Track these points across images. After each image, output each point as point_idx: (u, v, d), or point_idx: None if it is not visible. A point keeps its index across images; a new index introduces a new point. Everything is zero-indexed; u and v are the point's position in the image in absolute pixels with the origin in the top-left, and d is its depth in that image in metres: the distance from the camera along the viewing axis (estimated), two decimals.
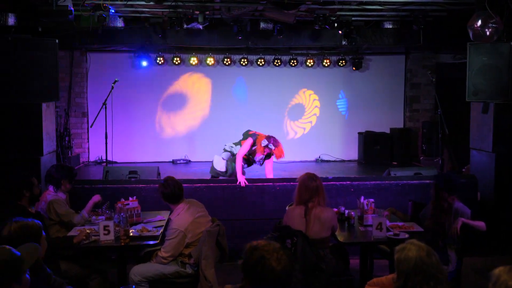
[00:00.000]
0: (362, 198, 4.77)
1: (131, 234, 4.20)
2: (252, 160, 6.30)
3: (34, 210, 4.35)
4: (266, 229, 5.37)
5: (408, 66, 9.89)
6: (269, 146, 6.14)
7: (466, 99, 6.14)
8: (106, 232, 4.05)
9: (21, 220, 2.93)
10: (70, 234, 4.29)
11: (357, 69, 9.76)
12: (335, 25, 7.61)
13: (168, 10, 7.40)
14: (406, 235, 4.13)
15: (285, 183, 5.92)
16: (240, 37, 8.30)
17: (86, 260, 4.33)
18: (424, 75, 9.53)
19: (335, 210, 4.64)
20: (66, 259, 4.21)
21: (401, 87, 10.00)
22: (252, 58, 9.58)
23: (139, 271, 4.14)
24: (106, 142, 7.45)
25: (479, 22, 5.57)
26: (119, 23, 7.91)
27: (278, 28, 8.01)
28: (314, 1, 6.94)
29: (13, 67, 5.63)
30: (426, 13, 7.56)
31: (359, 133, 9.69)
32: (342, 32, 8.08)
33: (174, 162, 9.49)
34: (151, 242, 4.16)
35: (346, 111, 9.99)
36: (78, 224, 4.52)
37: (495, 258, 5.58)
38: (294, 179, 5.86)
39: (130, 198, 4.81)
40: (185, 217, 4.18)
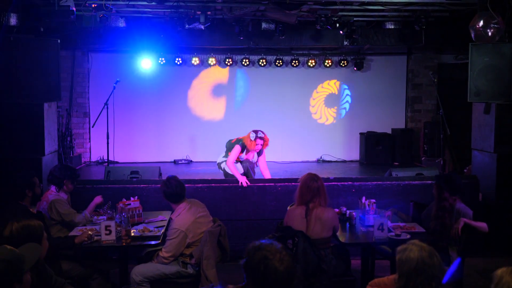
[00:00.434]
0: (364, 198, 4.76)
1: (133, 234, 4.20)
2: (248, 163, 6.34)
3: (35, 210, 4.35)
4: (267, 229, 5.39)
5: (410, 67, 9.87)
6: (258, 135, 6.22)
7: (468, 100, 6.13)
8: (108, 232, 4.06)
9: (22, 220, 2.93)
10: (71, 234, 4.30)
11: (358, 69, 9.75)
12: (337, 25, 7.60)
13: (169, 10, 7.40)
14: (408, 236, 4.12)
15: (286, 184, 5.91)
16: (241, 37, 8.29)
17: (88, 260, 4.34)
18: (426, 76, 9.52)
19: (337, 210, 4.65)
20: (68, 259, 4.21)
21: (402, 88, 9.98)
22: (253, 58, 9.57)
23: (141, 271, 4.14)
24: (107, 142, 7.45)
25: (481, 23, 5.56)
26: (121, 23, 7.90)
27: (280, 28, 8.01)
28: (316, 1, 6.93)
29: (15, 67, 5.65)
30: (428, 13, 7.54)
31: (361, 133, 9.68)
32: (343, 32, 8.08)
33: (175, 162, 9.49)
34: (153, 242, 4.16)
35: (348, 111, 9.97)
36: (79, 223, 4.53)
37: (497, 259, 5.56)
38: (295, 180, 5.85)
39: (132, 198, 4.82)
40: (186, 217, 4.18)
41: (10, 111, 5.77)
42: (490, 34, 5.55)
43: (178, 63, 9.35)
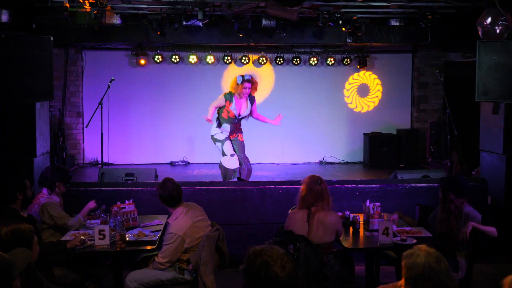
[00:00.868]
0: (368, 202, 4.75)
1: (127, 239, 4.19)
2: (238, 116, 6.49)
3: (26, 214, 4.33)
4: (267, 233, 5.39)
5: (415, 65, 9.87)
6: (245, 78, 6.36)
7: (475, 99, 6.12)
8: (101, 236, 4.04)
9: (12, 223, 2.91)
10: (64, 238, 4.28)
11: (362, 68, 9.74)
12: (340, 22, 7.59)
13: (166, 6, 7.40)
14: (414, 241, 4.11)
15: (287, 186, 5.90)
16: (241, 34, 8.29)
17: (80, 265, 4.32)
18: (432, 74, 9.51)
19: (340, 214, 4.63)
20: (60, 265, 4.20)
21: (408, 87, 9.98)
22: (253, 56, 9.56)
23: (136, 278, 4.12)
24: (101, 143, 7.44)
25: (489, 20, 5.55)
26: (116, 20, 7.90)
27: (280, 25, 8.00)
28: None
29: (6, 65, 5.64)
30: (434, 10, 7.53)
31: (365, 134, 9.67)
32: (346, 29, 8.07)
33: (172, 164, 9.48)
34: (148, 247, 4.15)
35: (351, 112, 9.96)
36: (72, 227, 4.51)
37: (507, 265, 5.55)
38: (297, 182, 5.85)
39: (127, 201, 4.81)
40: (183, 221, 4.17)
41: (0, 111, 5.75)
42: (498, 31, 5.54)
43: (176, 61, 9.35)
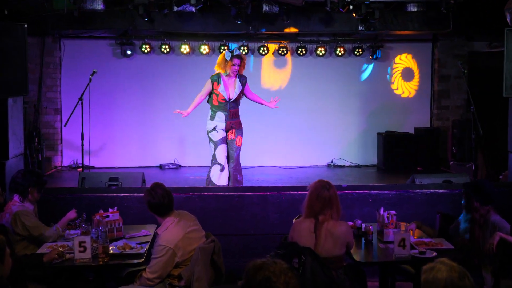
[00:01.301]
0: (382, 209, 4.75)
1: (111, 252, 4.18)
2: (228, 99, 6.55)
3: None
4: (269, 245, 5.38)
5: (435, 56, 9.88)
6: (235, 52, 6.52)
7: (503, 94, 6.12)
8: (82, 249, 4.04)
9: None
10: (39, 251, 4.28)
11: (375, 59, 9.74)
12: (350, 7, 7.60)
13: None
14: (434, 253, 4.11)
15: (291, 192, 5.90)
16: (239, 21, 8.29)
17: (59, 281, 4.32)
18: (454, 66, 9.51)
19: (351, 223, 4.63)
20: (36, 280, 4.20)
21: (427, 80, 9.98)
22: (253, 46, 9.57)
23: None
24: (82, 144, 7.44)
25: None
26: (99, 5, 7.90)
27: (284, 11, 8.00)
28: None
29: None
30: None
31: (379, 133, 9.68)
32: (358, 16, 8.07)
33: (161, 167, 9.49)
34: (135, 261, 4.15)
35: (363, 109, 9.98)
36: (49, 238, 4.51)
37: None
38: (302, 187, 5.85)
39: (110, 210, 4.81)
40: (174, 231, 4.17)
41: None
42: None
43: (165, 52, 9.35)
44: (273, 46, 9.59)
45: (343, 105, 9.91)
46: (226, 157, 6.89)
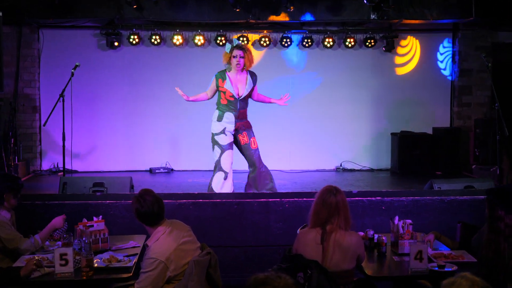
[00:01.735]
0: (397, 218, 4.75)
1: (96, 265, 4.19)
2: (238, 96, 6.62)
3: None
4: (271, 258, 5.39)
5: (456, 48, 9.89)
6: (234, 43, 6.59)
7: None
8: (63, 262, 4.04)
9: None
10: (16, 264, 4.28)
11: (389, 51, 9.76)
12: None
13: None
14: (454, 267, 4.12)
15: (296, 199, 5.90)
16: (237, 9, 8.30)
17: None
18: (477, 59, 9.53)
19: (362, 234, 4.64)
20: None
21: (447, 75, 9.99)
22: (253, 36, 9.58)
23: None
24: (63, 145, 7.45)
25: None
26: None
27: None
28: None
29: None
30: None
31: (393, 134, 9.68)
32: (369, 2, 8.08)
33: (152, 171, 9.50)
34: (122, 276, 4.15)
35: (373, 106, 9.99)
36: (27, 251, 4.51)
37: None
38: (307, 194, 5.87)
39: (95, 218, 4.81)
40: (166, 243, 4.17)
41: None
42: None
43: (156, 43, 9.37)
44: (275, 37, 9.61)
45: (353, 102, 9.92)
46: (232, 164, 6.87)
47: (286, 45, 9.57)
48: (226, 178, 6.77)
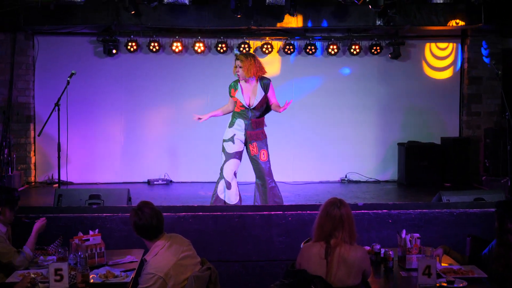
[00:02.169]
0: (404, 232, 4.75)
1: (92, 281, 4.18)
2: (248, 106, 6.70)
3: None
4: (274, 273, 5.38)
5: (465, 55, 9.91)
6: (234, 52, 6.47)
7: None
8: (58, 277, 4.04)
9: None
10: (9, 280, 4.28)
11: (395, 58, 9.78)
12: None
13: None
14: (464, 283, 4.11)
15: (299, 212, 5.90)
16: (239, 15, 8.33)
17: None
18: (486, 66, 9.55)
19: (368, 248, 4.63)
20: None
21: (456, 83, 10.01)
22: (255, 43, 9.61)
23: None
24: (58, 156, 7.46)
25: None
26: None
27: (290, 3, 8.04)
28: None
29: None
30: None
31: (400, 144, 9.69)
32: (375, 8, 8.10)
33: (150, 183, 9.50)
34: None
35: (380, 115, 9.99)
36: (20, 267, 4.51)
37: None
38: (311, 206, 5.86)
39: (91, 232, 4.81)
40: (165, 258, 4.17)
41: None
42: None
43: (154, 50, 9.40)
44: (278, 44, 9.64)
45: (359, 111, 9.93)
46: (235, 173, 6.86)
47: (289, 52, 9.59)
48: (229, 187, 6.79)
